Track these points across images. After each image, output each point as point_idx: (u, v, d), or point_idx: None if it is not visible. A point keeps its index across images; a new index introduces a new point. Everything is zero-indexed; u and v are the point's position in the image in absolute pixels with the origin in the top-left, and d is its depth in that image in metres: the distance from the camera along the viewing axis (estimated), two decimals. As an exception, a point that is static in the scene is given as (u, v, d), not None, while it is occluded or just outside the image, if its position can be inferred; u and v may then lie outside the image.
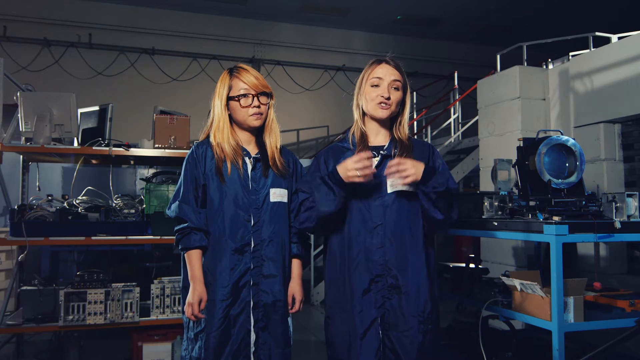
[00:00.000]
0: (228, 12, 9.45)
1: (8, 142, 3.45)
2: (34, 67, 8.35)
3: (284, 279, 2.08)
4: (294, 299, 2.11)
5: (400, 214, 1.92)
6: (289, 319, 2.10)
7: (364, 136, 2.00)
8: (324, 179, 1.89)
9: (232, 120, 2.10)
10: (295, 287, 2.12)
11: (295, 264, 2.16)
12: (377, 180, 1.93)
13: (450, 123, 7.92)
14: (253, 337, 1.99)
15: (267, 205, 2.05)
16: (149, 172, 4.14)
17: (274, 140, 2.11)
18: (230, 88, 2.06)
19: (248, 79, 2.04)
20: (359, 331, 1.89)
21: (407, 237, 1.92)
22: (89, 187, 3.63)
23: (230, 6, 9.22)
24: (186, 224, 2.00)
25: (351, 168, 1.81)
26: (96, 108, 3.65)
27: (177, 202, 2.04)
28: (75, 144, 3.50)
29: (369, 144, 2.00)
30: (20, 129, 3.28)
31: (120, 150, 3.31)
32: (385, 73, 1.95)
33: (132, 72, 9.11)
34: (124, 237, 3.30)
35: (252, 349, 1.98)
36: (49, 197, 3.52)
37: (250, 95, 2.03)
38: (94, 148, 3.28)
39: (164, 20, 9.25)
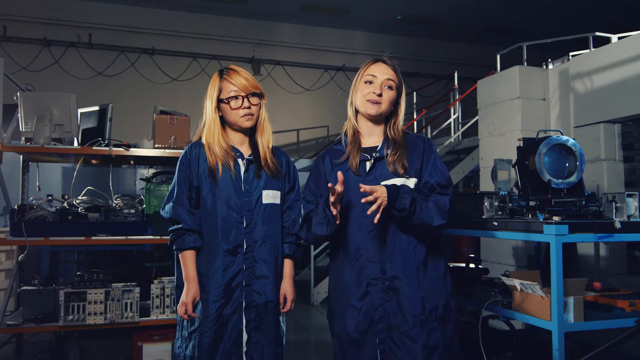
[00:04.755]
0: (228, 12, 9.46)
1: (8, 142, 3.46)
2: (34, 67, 8.36)
3: (276, 280, 2.10)
4: (285, 299, 2.13)
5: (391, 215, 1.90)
6: (281, 319, 2.12)
7: (355, 135, 2.00)
8: (322, 202, 1.91)
9: (224, 121, 2.11)
10: (287, 287, 2.13)
11: (287, 264, 2.17)
12: (371, 185, 1.93)
13: (450, 123, 7.92)
14: (245, 337, 2.01)
15: (259, 207, 2.06)
16: (149, 172, 4.14)
17: (266, 140, 2.12)
18: (220, 90, 2.07)
19: (238, 81, 2.04)
20: (358, 332, 1.90)
21: (402, 240, 1.92)
22: (89, 187, 3.63)
23: (230, 6, 9.22)
24: (180, 225, 2.02)
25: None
26: (96, 108, 3.65)
27: (171, 203, 2.06)
28: (75, 144, 3.50)
29: (362, 145, 2.00)
30: (20, 129, 3.28)
31: (120, 150, 3.31)
32: (380, 71, 1.95)
33: (132, 72, 9.11)
34: (124, 237, 3.31)
35: (245, 349, 2.00)
36: (49, 197, 3.52)
37: (241, 97, 2.04)
38: (94, 148, 3.28)
39: (164, 20, 9.26)
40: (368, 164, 1.96)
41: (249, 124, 2.07)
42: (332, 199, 1.78)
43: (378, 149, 1.98)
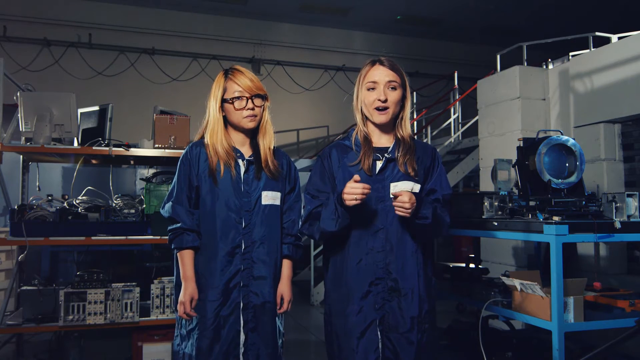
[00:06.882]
0: (228, 12, 9.46)
1: (8, 142, 3.46)
2: (34, 67, 8.35)
3: (274, 281, 2.10)
4: (282, 300, 2.13)
5: (401, 218, 1.92)
6: (278, 320, 2.12)
7: (367, 138, 2.00)
8: (333, 198, 1.88)
9: (227, 121, 2.11)
10: (284, 288, 2.13)
11: (286, 265, 2.17)
12: (380, 185, 1.94)
13: (450, 123, 7.92)
14: (242, 337, 2.01)
15: (258, 207, 2.07)
16: (149, 172, 4.14)
17: (267, 142, 2.12)
18: (224, 90, 2.07)
19: (242, 82, 2.04)
20: (357, 331, 1.91)
21: (406, 241, 1.94)
22: (89, 187, 3.62)
23: (230, 6, 9.22)
24: (179, 225, 2.03)
25: (347, 192, 1.78)
26: (96, 108, 3.65)
27: (170, 202, 2.07)
28: (75, 144, 3.50)
29: (373, 145, 2.00)
30: (20, 129, 3.28)
31: (120, 150, 3.31)
32: (380, 75, 1.94)
33: (132, 72, 9.11)
34: (124, 237, 3.30)
35: (242, 350, 2.01)
36: (49, 197, 3.52)
37: (245, 98, 2.04)
38: (94, 148, 3.28)
39: (164, 20, 9.25)
40: (379, 164, 1.97)
41: (251, 125, 2.07)
42: (355, 185, 1.75)
43: (389, 150, 1.99)
